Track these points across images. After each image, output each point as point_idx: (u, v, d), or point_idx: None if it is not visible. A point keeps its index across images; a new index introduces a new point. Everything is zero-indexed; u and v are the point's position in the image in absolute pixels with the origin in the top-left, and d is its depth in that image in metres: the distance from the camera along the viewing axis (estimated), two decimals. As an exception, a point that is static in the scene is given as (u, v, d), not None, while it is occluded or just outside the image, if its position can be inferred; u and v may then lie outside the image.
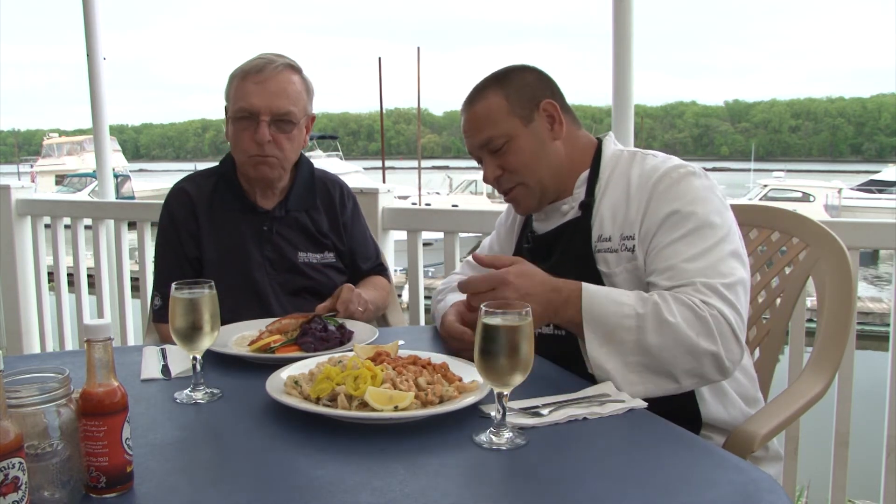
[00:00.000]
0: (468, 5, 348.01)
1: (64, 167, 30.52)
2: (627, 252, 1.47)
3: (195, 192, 1.97)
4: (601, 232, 1.51)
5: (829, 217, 13.53)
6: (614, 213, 1.50)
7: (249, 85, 1.84)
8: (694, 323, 1.32)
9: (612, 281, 1.48)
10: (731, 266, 1.39)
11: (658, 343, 1.32)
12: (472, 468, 1.02)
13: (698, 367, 1.34)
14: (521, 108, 1.54)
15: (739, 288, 1.38)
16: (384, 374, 1.22)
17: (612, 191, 1.52)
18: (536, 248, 1.65)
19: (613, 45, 2.56)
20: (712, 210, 1.44)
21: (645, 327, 1.33)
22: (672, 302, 1.34)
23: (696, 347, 1.32)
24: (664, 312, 1.32)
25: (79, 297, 3.59)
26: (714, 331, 1.32)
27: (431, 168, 50.02)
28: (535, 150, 1.55)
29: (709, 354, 1.33)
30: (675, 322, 1.31)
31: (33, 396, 0.90)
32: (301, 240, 1.97)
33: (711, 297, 1.34)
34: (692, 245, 1.40)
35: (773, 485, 0.96)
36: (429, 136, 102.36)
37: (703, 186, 1.45)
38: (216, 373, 1.44)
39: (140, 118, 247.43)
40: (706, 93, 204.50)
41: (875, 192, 21.88)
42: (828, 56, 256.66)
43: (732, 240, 1.43)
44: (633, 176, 1.50)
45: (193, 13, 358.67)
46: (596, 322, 1.35)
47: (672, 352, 1.32)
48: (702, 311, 1.32)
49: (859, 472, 2.36)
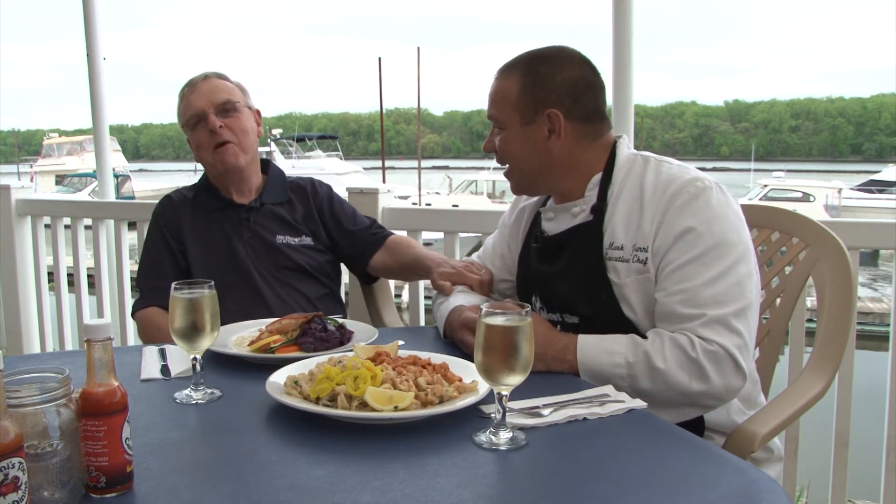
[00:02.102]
0: (468, 5, 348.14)
1: (64, 167, 30.49)
2: (639, 264, 1.45)
3: (178, 197, 2.17)
4: (612, 239, 1.49)
5: (829, 217, 13.52)
6: (627, 222, 1.48)
7: (188, 98, 2.08)
8: (686, 365, 1.35)
9: (622, 292, 1.47)
10: (744, 289, 1.39)
11: (651, 388, 1.36)
12: (472, 468, 1.02)
13: (694, 406, 1.40)
14: (526, 107, 1.52)
15: (749, 313, 1.39)
16: (384, 375, 1.22)
17: (626, 197, 1.50)
18: (545, 249, 1.64)
19: (613, 45, 2.56)
20: (729, 228, 1.42)
21: (636, 375, 1.37)
22: (666, 345, 1.36)
23: (688, 390, 1.36)
24: (654, 359, 1.36)
25: (79, 297, 3.59)
26: (708, 370, 1.34)
27: (431, 168, 50.04)
28: (522, 149, 1.56)
29: (702, 395, 1.37)
30: (665, 368, 1.35)
31: (33, 396, 0.90)
32: (277, 226, 2.11)
33: (716, 332, 1.35)
34: (707, 267, 1.38)
35: (773, 485, 0.96)
36: (429, 136, 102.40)
37: (719, 203, 1.43)
38: (216, 373, 1.44)
39: (140, 118, 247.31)
40: (706, 93, 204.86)
41: (875, 192, 21.86)
42: (828, 56, 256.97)
43: (748, 259, 1.43)
44: (648, 184, 1.48)
45: (193, 13, 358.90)
46: (591, 372, 1.40)
47: (665, 395, 1.36)
48: (694, 354, 1.34)
49: (859, 472, 2.36)
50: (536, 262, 1.66)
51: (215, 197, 2.12)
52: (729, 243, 1.40)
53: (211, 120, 2.02)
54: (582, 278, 1.51)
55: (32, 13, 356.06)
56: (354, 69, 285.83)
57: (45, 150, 34.64)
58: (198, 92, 2.05)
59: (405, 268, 2.10)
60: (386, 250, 2.15)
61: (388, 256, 2.15)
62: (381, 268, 2.17)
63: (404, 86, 57.01)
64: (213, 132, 2.02)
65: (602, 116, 1.57)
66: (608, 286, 1.48)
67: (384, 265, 2.15)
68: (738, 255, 1.40)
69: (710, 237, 1.39)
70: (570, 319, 1.57)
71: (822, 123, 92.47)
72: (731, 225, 1.42)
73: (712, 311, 1.35)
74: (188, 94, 2.07)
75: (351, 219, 2.20)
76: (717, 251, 1.39)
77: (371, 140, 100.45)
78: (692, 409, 1.41)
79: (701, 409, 1.43)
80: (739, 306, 1.37)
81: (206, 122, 2.02)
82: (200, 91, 2.05)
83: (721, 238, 1.40)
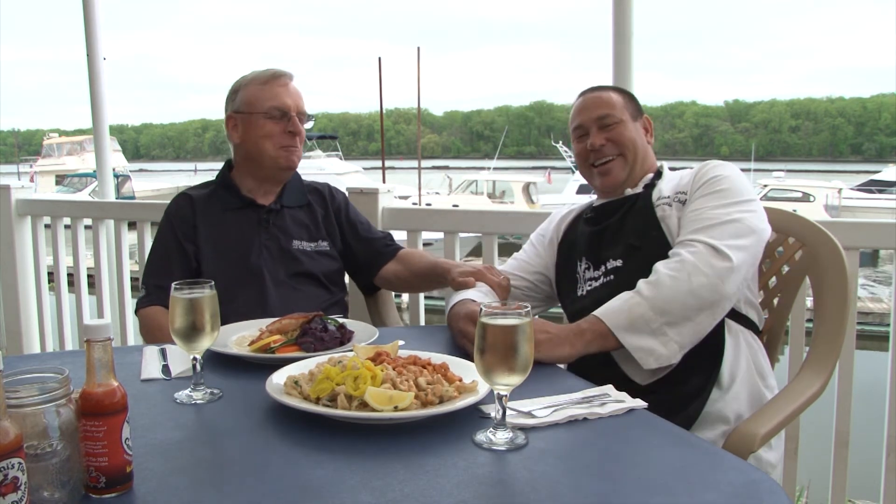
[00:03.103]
0: (468, 5, 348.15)
1: (64, 167, 30.48)
2: (679, 204, 1.72)
3: (195, 195, 2.15)
4: (660, 195, 1.77)
5: (829, 217, 13.54)
6: (671, 186, 1.78)
7: (276, 88, 2.07)
8: (672, 265, 1.55)
9: (667, 224, 1.71)
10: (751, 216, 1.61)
11: (658, 295, 1.52)
12: (471, 468, 1.02)
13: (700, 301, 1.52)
14: (632, 110, 1.89)
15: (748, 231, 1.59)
16: (384, 375, 1.22)
17: (668, 184, 1.81)
18: (598, 215, 1.88)
19: (613, 45, 2.56)
20: (744, 184, 1.70)
21: (642, 292, 1.54)
22: (661, 264, 1.57)
23: (682, 286, 1.52)
24: (651, 276, 1.56)
25: (79, 297, 3.59)
26: (689, 260, 1.54)
27: (431, 168, 50.05)
28: (636, 138, 1.87)
29: (698, 287, 1.52)
30: (659, 273, 1.55)
31: (33, 396, 0.90)
32: (296, 230, 2.11)
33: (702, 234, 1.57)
34: (719, 198, 1.64)
35: (773, 485, 0.96)
36: (429, 136, 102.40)
37: (736, 171, 1.73)
38: (216, 373, 1.44)
39: (140, 118, 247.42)
40: (706, 93, 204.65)
41: (875, 192, 21.85)
42: (828, 56, 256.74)
43: (757, 206, 1.66)
44: (686, 173, 1.81)
45: (193, 13, 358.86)
46: (614, 316, 1.53)
47: (675, 296, 1.51)
48: (680, 255, 1.56)
49: (859, 472, 2.36)
50: (585, 227, 1.89)
51: (236, 195, 2.11)
52: (742, 191, 1.66)
53: (296, 123, 2.06)
54: (634, 223, 1.77)
55: (32, 13, 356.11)
56: (354, 69, 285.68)
57: (45, 150, 34.61)
58: (288, 89, 2.08)
59: (418, 276, 2.11)
60: (398, 261, 2.18)
61: (399, 267, 2.16)
62: (391, 278, 2.18)
63: (404, 86, 57.00)
64: (294, 134, 2.07)
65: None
66: (657, 223, 1.72)
67: (395, 276, 2.17)
68: (749, 199, 1.65)
69: (727, 182, 1.67)
70: (614, 264, 1.75)
71: (822, 123, 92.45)
72: (745, 184, 1.70)
73: (707, 223, 1.59)
74: (275, 85, 2.07)
75: (367, 227, 2.23)
76: (730, 192, 1.65)
77: (371, 140, 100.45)
78: (704, 314, 1.53)
79: (709, 311, 1.53)
80: (739, 221, 1.59)
81: (290, 121, 2.06)
82: (291, 89, 2.08)
83: (737, 186, 1.67)
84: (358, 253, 2.18)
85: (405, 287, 2.27)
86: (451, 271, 1.87)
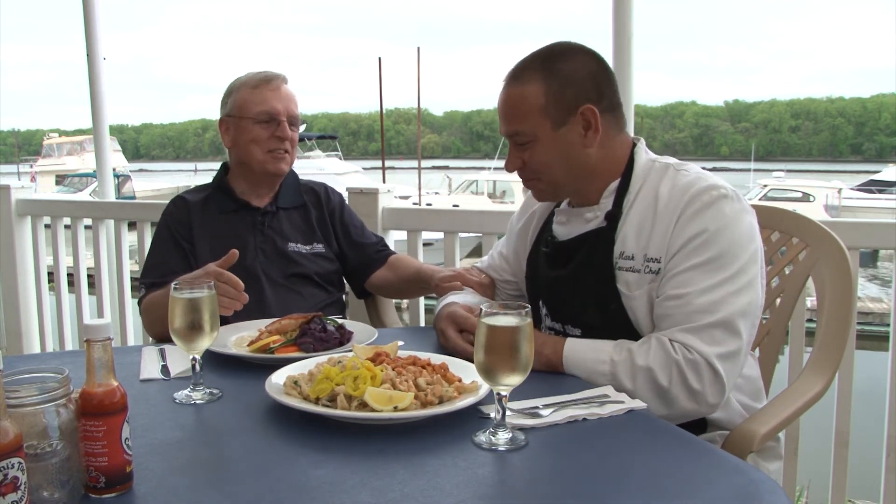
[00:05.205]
0: (468, 5, 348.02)
1: (64, 167, 30.47)
2: (651, 274, 1.42)
3: (191, 198, 2.15)
4: (624, 248, 1.46)
5: (829, 217, 13.52)
6: (639, 231, 1.45)
7: (265, 92, 2.05)
8: (666, 367, 1.33)
9: (631, 304, 1.44)
10: (741, 299, 1.36)
11: (631, 388, 1.34)
12: (471, 468, 1.02)
13: (671, 409, 1.35)
14: (557, 111, 1.46)
15: (740, 322, 1.35)
16: (384, 375, 1.22)
17: (639, 205, 1.47)
18: (555, 253, 1.60)
19: (613, 45, 2.56)
20: (738, 237, 1.39)
21: (617, 373, 1.36)
22: (652, 346, 1.36)
23: (667, 393, 1.34)
24: (637, 358, 1.35)
25: (79, 297, 3.59)
26: (687, 375, 1.33)
27: (431, 168, 50.01)
28: (559, 155, 1.49)
29: (679, 399, 1.34)
30: (646, 366, 1.34)
31: (33, 396, 0.90)
32: (292, 232, 2.12)
33: (700, 341, 1.34)
34: (707, 275, 1.36)
35: (773, 485, 0.96)
36: (429, 136, 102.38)
37: (733, 211, 1.40)
38: (216, 373, 1.44)
39: (140, 118, 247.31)
40: (706, 93, 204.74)
41: (875, 192, 21.84)
42: (828, 56, 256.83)
43: (750, 269, 1.39)
44: (663, 192, 1.44)
45: (193, 13, 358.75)
46: (574, 367, 1.40)
47: (644, 396, 1.32)
48: (676, 356, 1.33)
49: (859, 472, 2.36)
50: (545, 267, 1.63)
51: (231, 198, 2.11)
52: (734, 253, 1.38)
53: (284, 129, 2.04)
54: (591, 286, 1.49)
55: (32, 13, 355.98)
56: (354, 69, 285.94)
57: (46, 150, 34.61)
58: (279, 93, 2.06)
59: (405, 281, 2.13)
60: (388, 268, 2.18)
61: (389, 273, 2.17)
62: (381, 284, 2.19)
63: (404, 86, 57.03)
64: (282, 139, 2.05)
65: (620, 103, 1.54)
66: (617, 296, 1.46)
67: (385, 282, 2.17)
68: (741, 265, 1.37)
69: (716, 246, 1.37)
70: (573, 332, 1.55)
71: (822, 123, 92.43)
72: (741, 234, 1.40)
73: (701, 320, 1.34)
74: (265, 89, 2.05)
75: (360, 231, 2.22)
76: (720, 261, 1.37)
77: (371, 140, 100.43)
78: (669, 414, 1.35)
79: (677, 416, 1.36)
80: (730, 315, 1.34)
81: (279, 126, 2.04)
82: (281, 93, 2.06)
83: (727, 248, 1.37)
84: (350, 258, 2.18)
85: (395, 294, 2.27)
86: (433, 277, 1.91)
